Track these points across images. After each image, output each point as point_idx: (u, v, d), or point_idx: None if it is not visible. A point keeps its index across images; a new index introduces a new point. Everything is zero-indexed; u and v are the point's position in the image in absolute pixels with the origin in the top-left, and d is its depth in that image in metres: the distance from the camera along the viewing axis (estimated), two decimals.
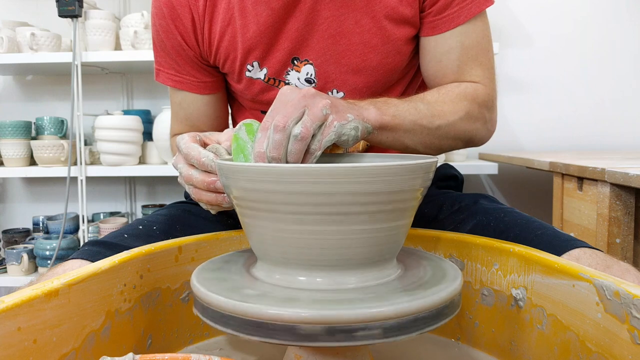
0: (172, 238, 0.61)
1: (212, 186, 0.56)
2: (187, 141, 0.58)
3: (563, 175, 1.27)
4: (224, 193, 0.56)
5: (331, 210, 0.40)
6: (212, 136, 0.62)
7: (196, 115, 0.86)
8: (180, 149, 0.59)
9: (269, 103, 0.81)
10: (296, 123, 0.49)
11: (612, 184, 1.05)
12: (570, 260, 0.51)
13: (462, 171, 0.99)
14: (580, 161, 1.23)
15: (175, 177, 0.63)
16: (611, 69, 1.96)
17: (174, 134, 0.91)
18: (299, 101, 0.50)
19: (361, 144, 0.69)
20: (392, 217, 0.42)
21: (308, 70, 0.76)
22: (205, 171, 0.57)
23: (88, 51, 1.77)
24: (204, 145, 0.60)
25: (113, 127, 1.75)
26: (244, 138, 0.53)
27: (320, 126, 0.50)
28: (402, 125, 0.63)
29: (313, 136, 0.50)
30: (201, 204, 0.60)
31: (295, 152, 0.49)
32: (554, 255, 0.50)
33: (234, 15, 0.75)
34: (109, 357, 0.33)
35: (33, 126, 1.93)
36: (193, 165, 0.58)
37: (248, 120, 0.54)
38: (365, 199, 0.40)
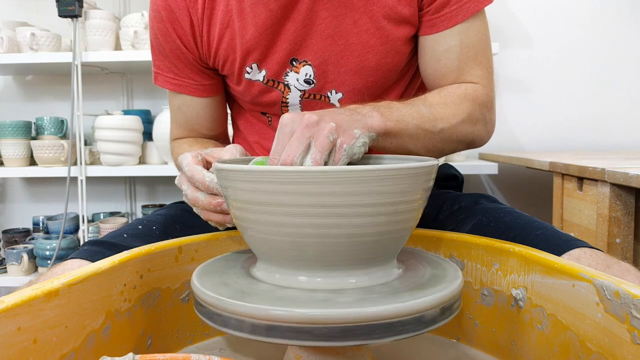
0: (171, 238, 0.61)
1: (219, 208, 0.57)
2: (189, 162, 0.58)
3: (563, 175, 1.27)
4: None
5: (330, 212, 0.40)
6: (214, 153, 0.61)
7: (196, 118, 0.86)
8: (183, 171, 0.59)
9: (268, 104, 0.82)
10: (304, 157, 0.48)
11: (612, 184, 1.04)
12: (570, 260, 0.51)
13: (462, 171, 0.99)
14: (580, 161, 1.23)
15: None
16: (611, 68, 1.96)
17: (174, 138, 0.91)
18: (302, 132, 0.48)
19: None
20: (393, 219, 0.42)
21: (307, 71, 0.76)
22: (211, 193, 0.57)
23: (88, 51, 1.78)
24: (207, 164, 0.60)
25: (113, 127, 1.75)
26: None
27: (330, 153, 0.50)
28: (406, 130, 0.63)
29: (325, 164, 0.50)
30: (209, 222, 0.60)
31: None
32: (554, 255, 0.50)
33: (233, 17, 0.74)
34: (109, 357, 0.33)
35: (33, 126, 1.93)
36: (198, 188, 0.58)
37: (259, 158, 0.54)
38: (366, 202, 0.40)
